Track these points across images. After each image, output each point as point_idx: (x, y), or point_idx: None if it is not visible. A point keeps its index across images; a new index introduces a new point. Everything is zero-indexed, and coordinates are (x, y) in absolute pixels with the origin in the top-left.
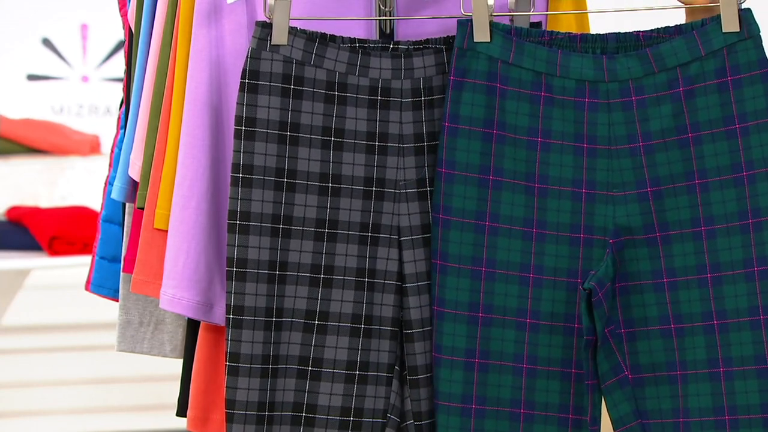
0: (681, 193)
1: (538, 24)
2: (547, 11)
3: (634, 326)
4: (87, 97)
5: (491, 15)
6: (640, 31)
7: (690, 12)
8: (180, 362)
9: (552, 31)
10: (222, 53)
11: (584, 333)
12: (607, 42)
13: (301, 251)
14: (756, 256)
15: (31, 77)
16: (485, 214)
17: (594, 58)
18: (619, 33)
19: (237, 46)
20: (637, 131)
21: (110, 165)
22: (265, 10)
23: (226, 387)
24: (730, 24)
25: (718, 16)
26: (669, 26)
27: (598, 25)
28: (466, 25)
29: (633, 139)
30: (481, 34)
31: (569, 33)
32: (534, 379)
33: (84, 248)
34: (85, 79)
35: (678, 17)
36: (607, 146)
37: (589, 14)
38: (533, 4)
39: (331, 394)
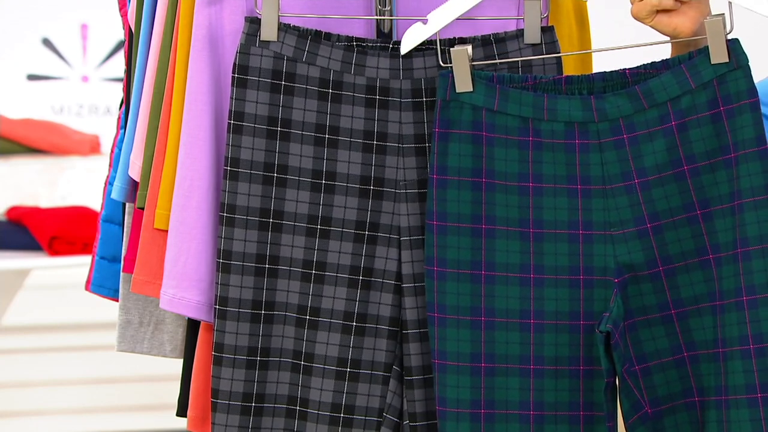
0: (682, 225)
1: (551, 28)
2: (548, 17)
3: (647, 361)
4: (87, 97)
5: (472, 64)
6: (626, 69)
7: (675, 46)
8: (180, 362)
9: (536, 75)
10: (222, 53)
11: (605, 375)
12: (594, 82)
13: (293, 246)
14: (744, 285)
15: (31, 77)
16: (480, 263)
17: (582, 99)
18: (605, 72)
19: (237, 45)
20: (632, 168)
21: (110, 165)
22: (255, 6)
23: (212, 377)
24: (719, 55)
25: (706, 48)
26: (656, 62)
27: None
28: (447, 76)
29: (628, 177)
30: (463, 84)
31: (554, 76)
32: (541, 425)
33: (84, 248)
34: (85, 79)
35: (651, 52)
36: (602, 186)
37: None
38: (543, 7)
39: (321, 390)
